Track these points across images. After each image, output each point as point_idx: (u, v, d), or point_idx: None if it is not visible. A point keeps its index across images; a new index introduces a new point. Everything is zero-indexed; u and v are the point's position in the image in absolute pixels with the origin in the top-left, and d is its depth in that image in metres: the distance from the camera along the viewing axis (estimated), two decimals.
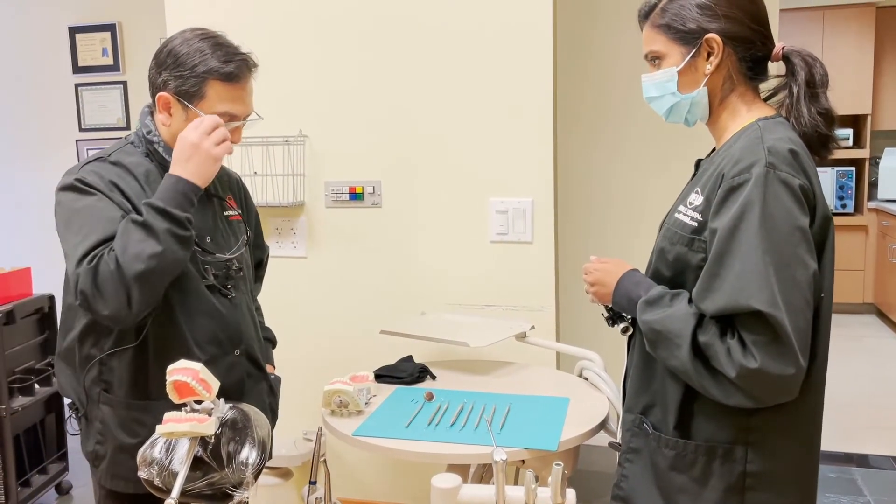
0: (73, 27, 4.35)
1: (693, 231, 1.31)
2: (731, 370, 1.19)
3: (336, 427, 1.70)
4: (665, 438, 1.36)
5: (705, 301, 1.24)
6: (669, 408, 1.36)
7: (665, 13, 1.37)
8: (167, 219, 1.44)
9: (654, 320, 1.30)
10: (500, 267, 2.34)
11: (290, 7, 2.42)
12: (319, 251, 2.49)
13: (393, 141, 2.39)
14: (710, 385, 1.24)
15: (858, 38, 5.81)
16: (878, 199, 5.99)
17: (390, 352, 2.33)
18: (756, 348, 1.18)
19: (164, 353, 1.57)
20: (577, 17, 3.35)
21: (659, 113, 1.44)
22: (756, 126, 1.31)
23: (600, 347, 2.07)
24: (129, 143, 1.63)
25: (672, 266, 1.35)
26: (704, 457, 1.32)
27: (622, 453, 1.46)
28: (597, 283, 1.47)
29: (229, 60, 1.54)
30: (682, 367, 1.26)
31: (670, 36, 1.36)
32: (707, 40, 1.33)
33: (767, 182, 1.21)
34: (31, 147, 4.54)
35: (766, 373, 1.17)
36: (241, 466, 1.35)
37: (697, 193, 1.33)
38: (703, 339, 1.24)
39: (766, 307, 1.16)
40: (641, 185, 3.42)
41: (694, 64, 1.35)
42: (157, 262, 1.43)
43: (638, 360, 1.44)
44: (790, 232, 1.20)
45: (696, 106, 1.38)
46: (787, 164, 1.23)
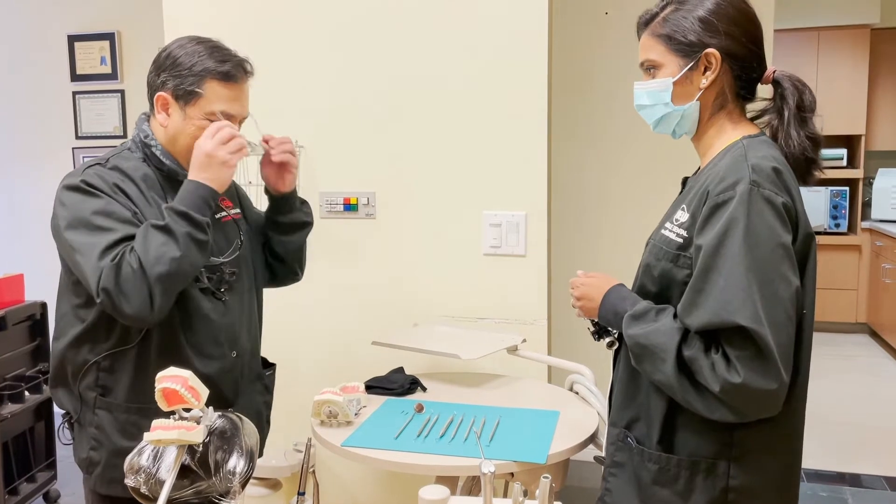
0: (72, 35, 4.36)
1: (678, 247, 1.33)
2: (716, 385, 1.21)
3: (325, 437, 1.70)
4: (648, 452, 1.37)
5: (690, 316, 1.25)
6: (653, 422, 1.36)
7: (666, 23, 1.37)
8: (188, 222, 1.48)
9: (640, 334, 1.31)
10: (493, 280, 2.34)
11: (288, 20, 2.44)
12: (313, 261, 2.48)
13: (388, 153, 2.40)
14: (694, 399, 1.25)
15: (853, 59, 5.86)
16: (871, 220, 6.02)
17: (381, 363, 2.33)
18: (739, 363, 1.19)
19: (162, 356, 1.58)
20: (573, 32, 3.38)
21: (648, 121, 1.45)
22: (741, 144, 1.33)
23: (591, 361, 2.07)
24: (125, 148, 1.65)
25: (658, 281, 1.37)
26: (688, 471, 1.32)
27: (606, 467, 1.47)
28: (583, 297, 1.49)
29: (226, 61, 1.58)
30: (667, 382, 1.27)
31: (670, 46, 1.37)
32: (707, 54, 1.34)
33: (751, 200, 1.22)
34: (26, 154, 4.54)
35: (750, 387, 1.19)
36: (229, 475, 1.35)
37: (683, 210, 1.34)
38: (688, 353, 1.25)
39: (750, 323, 1.18)
40: (635, 200, 3.43)
41: (690, 77, 1.36)
42: (178, 265, 1.47)
43: (623, 374, 1.45)
44: (773, 249, 1.22)
45: (686, 119, 1.40)
46: (770, 182, 1.25)
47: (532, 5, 2.23)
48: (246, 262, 1.77)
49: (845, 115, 5.92)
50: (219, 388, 1.62)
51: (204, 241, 1.51)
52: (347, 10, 2.39)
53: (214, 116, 1.57)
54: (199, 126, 1.57)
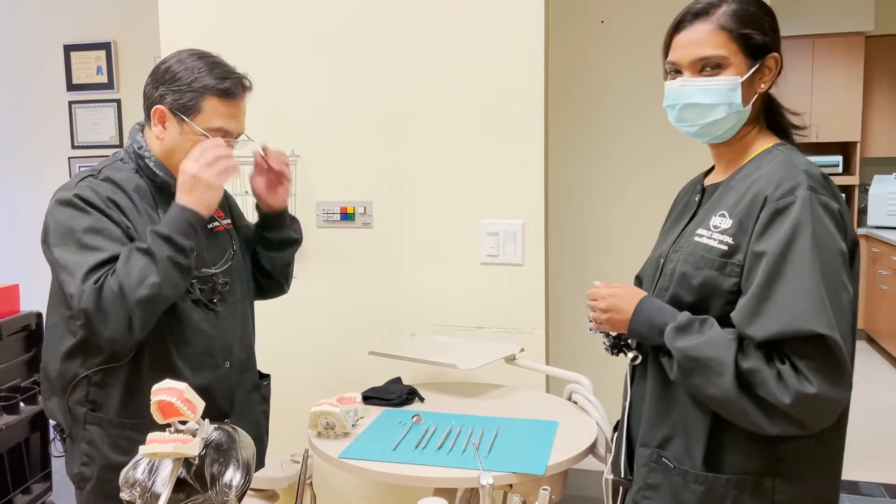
0: (68, 45, 4.36)
1: (723, 255, 1.25)
2: (786, 397, 1.14)
3: (322, 449, 1.69)
4: (693, 474, 1.29)
5: (754, 326, 1.18)
6: (695, 440, 1.29)
7: (738, 17, 1.27)
8: (170, 246, 1.47)
9: (690, 347, 1.23)
10: (491, 289, 2.34)
11: (284, 30, 2.44)
12: (309, 271, 2.49)
13: (384, 162, 2.39)
14: (756, 414, 1.18)
15: (848, 66, 5.88)
16: (867, 226, 6.03)
17: (379, 373, 2.32)
18: (812, 373, 1.14)
19: (155, 370, 1.57)
20: (569, 40, 3.38)
21: (695, 123, 1.33)
22: (778, 150, 1.30)
23: (590, 371, 2.06)
24: (118, 159, 1.64)
25: (697, 291, 1.29)
26: (735, 490, 1.25)
27: (639, 489, 1.38)
28: (611, 308, 1.38)
29: (225, 78, 1.58)
30: (723, 396, 1.20)
31: (740, 45, 1.27)
32: (771, 58, 1.29)
33: (813, 205, 1.18)
34: (22, 163, 4.54)
35: (822, 398, 1.13)
36: (225, 488, 1.34)
37: (724, 216, 1.27)
38: (747, 365, 1.18)
39: (827, 330, 1.12)
40: (633, 208, 3.43)
41: (753, 79, 1.29)
42: (158, 290, 1.46)
43: (654, 390, 1.37)
44: (836, 256, 1.18)
45: (737, 124, 1.32)
46: (823, 188, 1.22)
47: (528, 15, 2.24)
48: (238, 273, 1.76)
49: (840, 122, 5.93)
50: (213, 400, 1.61)
51: (186, 266, 1.50)
52: (343, 20, 2.39)
53: (212, 132, 1.57)
54: (195, 141, 1.57)
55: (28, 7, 4.44)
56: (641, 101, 3.34)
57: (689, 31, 1.30)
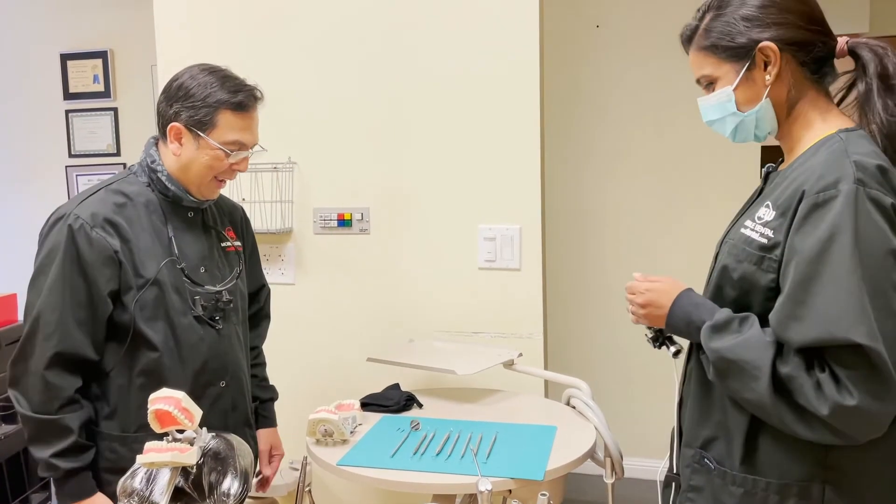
0: (64, 54, 4.37)
1: (762, 248, 1.20)
2: (824, 408, 1.09)
3: (321, 456, 1.68)
4: (732, 475, 1.25)
5: (790, 330, 1.13)
6: (734, 440, 1.25)
7: (709, 33, 1.28)
8: (54, 471, 1.53)
9: (725, 348, 1.18)
10: (488, 294, 2.34)
11: (280, 38, 2.44)
12: (307, 278, 2.49)
13: (381, 168, 2.40)
14: (793, 422, 1.13)
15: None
16: None
17: (377, 379, 2.32)
18: (852, 384, 1.07)
19: (149, 384, 1.57)
20: (564, 45, 3.39)
21: (724, 135, 1.34)
22: (838, 138, 1.20)
23: (588, 375, 2.06)
24: (131, 173, 1.67)
25: (738, 285, 1.24)
26: (777, 495, 1.20)
27: (683, 491, 1.35)
28: (649, 303, 1.35)
29: (238, 91, 1.61)
30: (759, 401, 1.15)
31: (720, 55, 1.27)
32: (761, 49, 1.24)
33: (858, 200, 1.10)
34: (20, 172, 4.54)
35: (864, 410, 1.07)
36: (223, 497, 1.34)
37: (768, 208, 1.22)
38: (785, 370, 1.13)
39: (867, 340, 1.05)
40: (630, 211, 3.44)
41: (751, 77, 1.26)
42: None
43: (696, 389, 1.34)
44: (884, 256, 1.09)
45: (762, 121, 1.28)
46: (876, 181, 1.12)
47: (523, 21, 2.24)
48: (241, 294, 1.78)
49: None
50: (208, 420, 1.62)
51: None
52: (339, 27, 2.40)
53: (228, 145, 1.60)
54: (212, 155, 1.60)
55: (24, 16, 4.44)
56: (638, 106, 3.35)
57: (689, 56, 1.34)
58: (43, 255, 1.55)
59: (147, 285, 1.57)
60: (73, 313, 1.52)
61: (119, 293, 1.56)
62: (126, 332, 1.57)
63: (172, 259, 1.61)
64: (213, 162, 1.60)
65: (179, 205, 1.66)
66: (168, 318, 1.59)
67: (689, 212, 3.36)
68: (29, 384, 1.52)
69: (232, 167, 1.63)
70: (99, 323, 1.55)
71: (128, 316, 1.56)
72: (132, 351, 1.58)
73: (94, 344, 1.56)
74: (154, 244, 1.60)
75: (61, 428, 1.51)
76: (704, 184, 3.34)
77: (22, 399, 1.52)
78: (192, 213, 1.68)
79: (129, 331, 1.56)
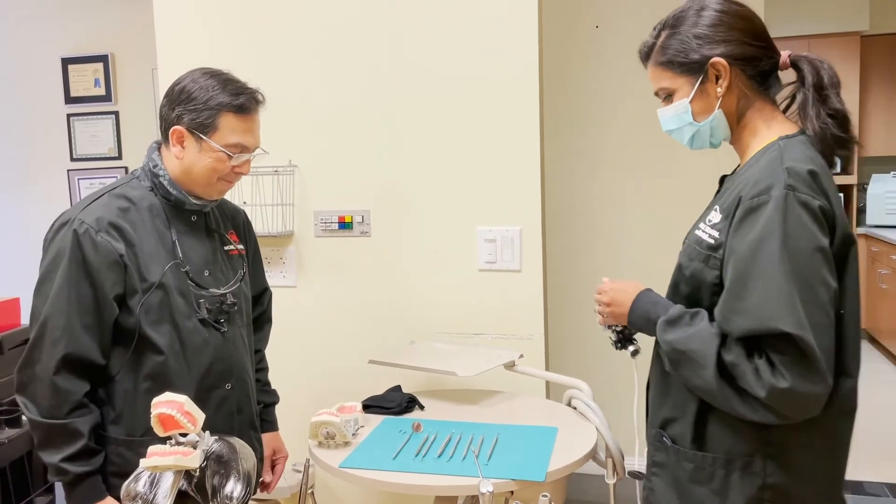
0: (65, 58, 4.38)
1: (709, 248, 1.33)
2: (761, 390, 1.22)
3: (323, 459, 1.69)
4: (684, 451, 1.39)
5: (730, 322, 1.26)
6: (687, 421, 1.38)
7: (665, 50, 1.40)
8: (64, 475, 1.54)
9: (677, 340, 1.32)
10: (489, 295, 2.34)
11: (279, 39, 2.45)
12: (308, 280, 2.49)
13: (382, 171, 2.40)
14: (737, 404, 1.26)
15: (844, 66, 5.89)
16: (866, 225, 6.03)
17: (379, 381, 2.32)
18: (785, 368, 1.20)
19: (155, 388, 1.58)
20: (564, 46, 3.39)
21: (682, 143, 1.47)
22: (777, 145, 1.33)
23: (589, 376, 2.07)
24: (134, 177, 1.68)
25: (689, 282, 1.37)
26: (723, 469, 1.34)
27: (648, 467, 1.49)
28: (613, 302, 1.50)
29: (239, 94, 1.62)
30: (707, 387, 1.28)
31: (675, 70, 1.39)
32: (713, 64, 1.35)
33: (787, 204, 1.22)
34: (22, 176, 4.55)
35: (796, 392, 1.20)
36: (226, 500, 1.34)
37: (716, 211, 1.35)
38: (729, 358, 1.26)
39: (794, 329, 1.18)
40: (630, 213, 3.44)
41: (704, 90, 1.38)
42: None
43: (656, 375, 1.48)
44: (812, 253, 1.21)
45: (716, 129, 1.41)
46: (806, 185, 1.24)
47: (522, 21, 2.25)
48: (245, 297, 1.79)
49: None
50: (213, 423, 1.62)
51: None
52: (339, 29, 2.40)
53: (230, 148, 1.61)
54: (215, 158, 1.61)
55: (26, 21, 4.46)
56: (637, 106, 3.35)
57: (647, 70, 1.46)
58: (48, 261, 1.56)
59: (152, 289, 1.57)
60: (80, 318, 1.53)
61: (124, 297, 1.57)
62: (131, 336, 1.58)
63: (177, 262, 1.62)
64: (216, 164, 1.61)
65: (182, 209, 1.66)
66: (173, 322, 1.60)
67: (690, 213, 3.36)
68: (37, 389, 1.52)
69: (234, 170, 1.64)
70: (105, 327, 1.56)
71: (133, 320, 1.57)
72: (137, 355, 1.59)
73: (101, 348, 1.56)
74: (158, 248, 1.60)
75: (71, 432, 1.52)
76: (705, 186, 3.34)
77: (30, 404, 1.53)
78: (195, 217, 1.69)
79: (135, 335, 1.57)
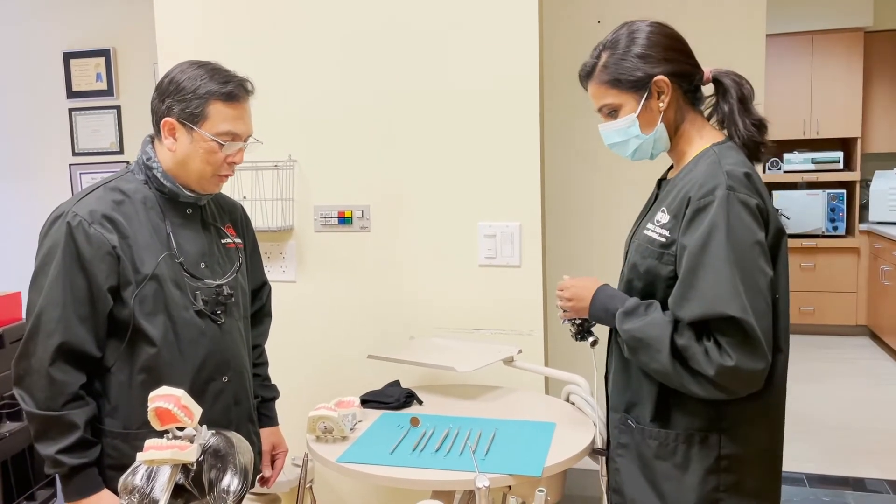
0: (67, 52, 4.38)
1: (662, 246, 1.47)
2: (710, 369, 1.35)
3: (320, 453, 1.69)
4: (648, 430, 1.52)
5: (682, 309, 1.39)
6: (647, 403, 1.52)
7: (608, 69, 1.51)
8: (60, 467, 1.55)
9: (635, 328, 1.45)
10: (488, 291, 2.34)
11: (281, 35, 2.45)
12: (308, 275, 2.50)
13: (382, 166, 2.40)
14: (690, 383, 1.39)
15: (847, 62, 5.88)
16: (869, 222, 6.02)
17: (377, 376, 2.33)
18: (731, 348, 1.34)
19: (150, 380, 1.58)
20: (565, 41, 3.39)
21: (624, 156, 1.58)
22: (712, 151, 1.48)
23: (587, 372, 2.07)
24: (129, 171, 1.69)
25: (644, 277, 1.51)
26: (684, 444, 1.48)
27: (613, 449, 1.61)
28: (574, 297, 1.62)
29: (227, 81, 1.62)
30: (663, 370, 1.41)
31: (621, 88, 1.50)
32: (656, 82, 1.48)
33: (729, 203, 1.37)
34: (23, 171, 4.56)
35: (741, 369, 1.34)
36: (223, 494, 1.35)
37: (664, 212, 1.48)
38: (681, 342, 1.39)
39: (738, 313, 1.32)
40: (629, 209, 3.43)
41: (648, 105, 1.50)
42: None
43: (617, 363, 1.61)
44: (751, 246, 1.36)
45: (658, 141, 1.54)
46: (744, 186, 1.39)
47: (522, 16, 2.24)
48: (242, 290, 1.79)
49: (841, 117, 5.93)
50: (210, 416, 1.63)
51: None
52: (340, 24, 2.40)
53: (221, 136, 1.60)
54: (206, 148, 1.61)
55: (27, 15, 4.46)
56: None
57: (588, 89, 1.57)
58: (43, 254, 1.56)
59: (146, 280, 1.58)
60: (75, 309, 1.54)
61: (118, 289, 1.57)
62: (126, 328, 1.58)
63: (171, 253, 1.62)
64: (208, 155, 1.61)
65: (177, 201, 1.67)
66: (168, 313, 1.60)
67: None
68: (33, 381, 1.53)
69: (227, 160, 1.64)
70: (100, 319, 1.57)
71: (127, 311, 1.57)
72: (131, 347, 1.59)
73: (96, 340, 1.57)
74: (152, 240, 1.61)
75: (67, 424, 1.52)
76: None
77: (27, 396, 1.54)
78: (190, 210, 1.69)
79: (129, 326, 1.57)
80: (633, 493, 1.56)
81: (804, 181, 6.13)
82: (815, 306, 6.03)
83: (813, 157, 6.06)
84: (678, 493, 1.48)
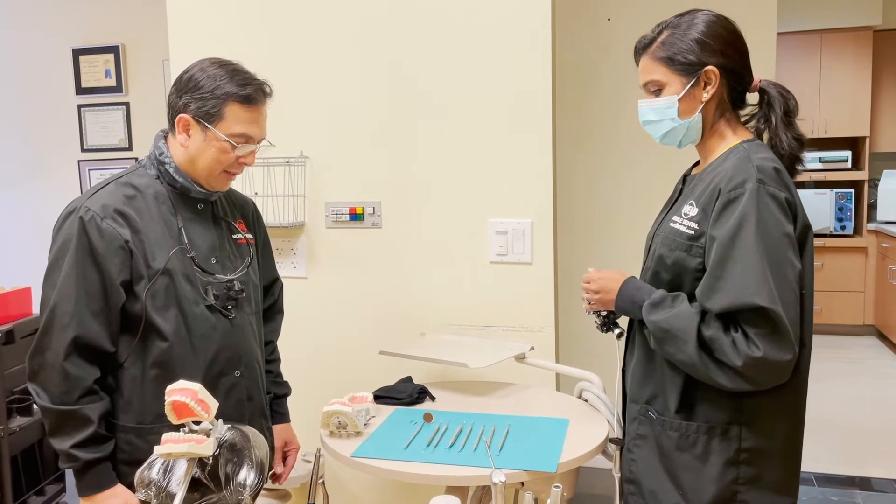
0: (76, 49, 4.39)
1: (690, 238, 1.48)
2: (738, 360, 1.36)
3: (334, 448, 1.70)
4: (669, 422, 1.53)
5: (711, 300, 1.40)
6: (671, 395, 1.53)
7: (665, 46, 1.51)
8: (74, 462, 1.55)
9: (661, 320, 1.46)
10: (500, 288, 2.34)
11: (293, 32, 2.45)
12: (319, 271, 2.50)
13: (393, 162, 2.40)
14: (716, 374, 1.40)
15: (856, 61, 5.86)
16: (877, 221, 6.00)
17: (390, 373, 2.33)
18: (759, 339, 1.35)
19: (163, 375, 1.58)
20: (576, 38, 3.38)
21: (654, 136, 1.58)
22: (742, 147, 1.49)
23: (599, 369, 2.06)
24: (141, 166, 1.70)
25: (671, 269, 1.51)
26: (705, 436, 1.49)
27: (630, 440, 1.63)
28: (601, 290, 1.62)
29: (247, 84, 1.62)
30: (689, 361, 1.42)
31: (672, 67, 1.50)
32: (706, 72, 1.49)
33: (759, 196, 1.38)
34: (33, 167, 4.57)
35: (768, 360, 1.34)
36: (239, 488, 1.35)
37: (692, 205, 1.49)
38: (708, 333, 1.40)
39: (768, 303, 1.33)
40: (641, 205, 3.43)
41: (692, 92, 1.50)
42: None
43: (640, 356, 1.62)
44: (780, 238, 1.38)
45: (691, 130, 1.54)
46: (773, 180, 1.41)
47: (535, 13, 2.24)
48: (254, 285, 1.79)
49: (849, 117, 5.91)
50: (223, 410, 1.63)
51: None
52: (352, 20, 2.40)
53: (235, 138, 1.61)
54: (218, 148, 1.61)
55: (36, 11, 4.46)
56: None
57: (640, 62, 1.58)
58: (56, 249, 1.57)
59: (157, 275, 1.58)
60: (88, 304, 1.54)
61: (131, 283, 1.58)
62: (138, 323, 1.58)
63: (182, 248, 1.62)
64: (220, 154, 1.61)
65: (188, 196, 1.67)
66: (180, 307, 1.61)
67: None
68: (48, 376, 1.53)
69: (239, 160, 1.64)
70: (113, 313, 1.57)
71: (139, 306, 1.58)
72: (144, 341, 1.59)
73: (110, 335, 1.57)
74: (164, 234, 1.61)
75: (81, 418, 1.53)
76: None
77: (41, 391, 1.54)
78: (201, 205, 1.70)
79: (141, 321, 1.58)
80: (650, 483, 1.56)
81: (812, 180, 6.12)
82: (823, 306, 6.02)
83: (821, 156, 6.05)
84: (697, 484, 1.50)
